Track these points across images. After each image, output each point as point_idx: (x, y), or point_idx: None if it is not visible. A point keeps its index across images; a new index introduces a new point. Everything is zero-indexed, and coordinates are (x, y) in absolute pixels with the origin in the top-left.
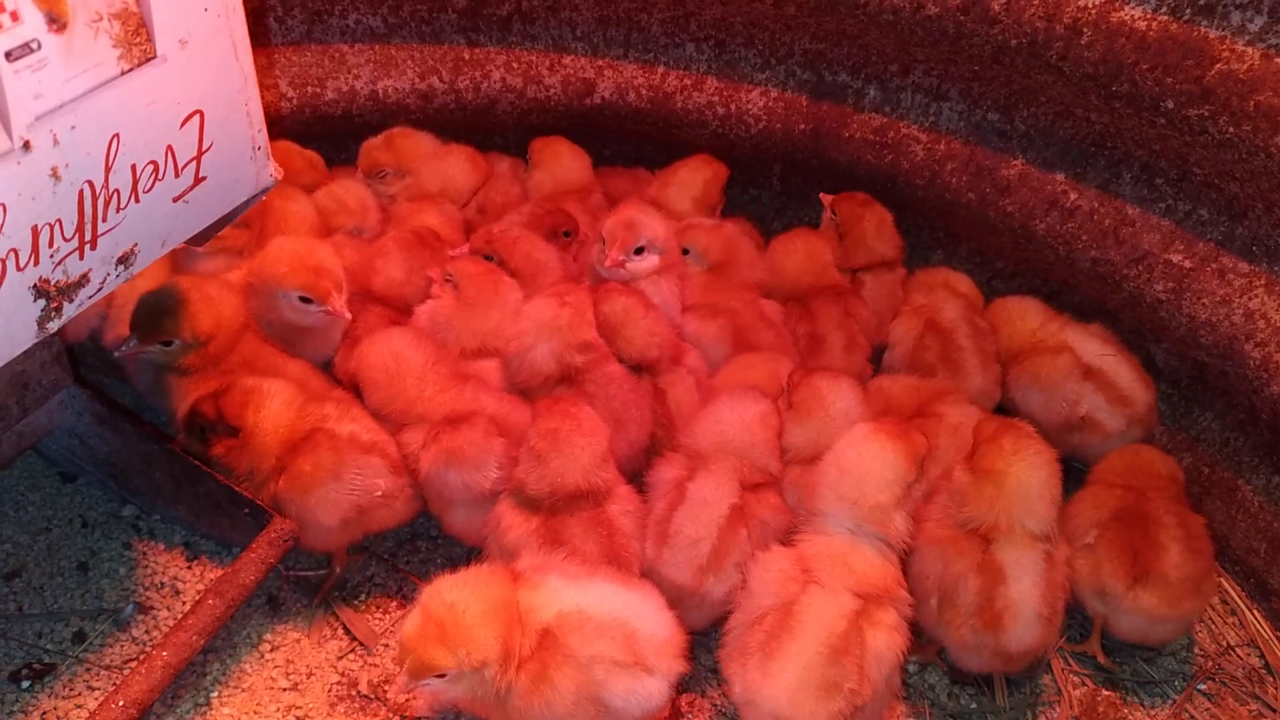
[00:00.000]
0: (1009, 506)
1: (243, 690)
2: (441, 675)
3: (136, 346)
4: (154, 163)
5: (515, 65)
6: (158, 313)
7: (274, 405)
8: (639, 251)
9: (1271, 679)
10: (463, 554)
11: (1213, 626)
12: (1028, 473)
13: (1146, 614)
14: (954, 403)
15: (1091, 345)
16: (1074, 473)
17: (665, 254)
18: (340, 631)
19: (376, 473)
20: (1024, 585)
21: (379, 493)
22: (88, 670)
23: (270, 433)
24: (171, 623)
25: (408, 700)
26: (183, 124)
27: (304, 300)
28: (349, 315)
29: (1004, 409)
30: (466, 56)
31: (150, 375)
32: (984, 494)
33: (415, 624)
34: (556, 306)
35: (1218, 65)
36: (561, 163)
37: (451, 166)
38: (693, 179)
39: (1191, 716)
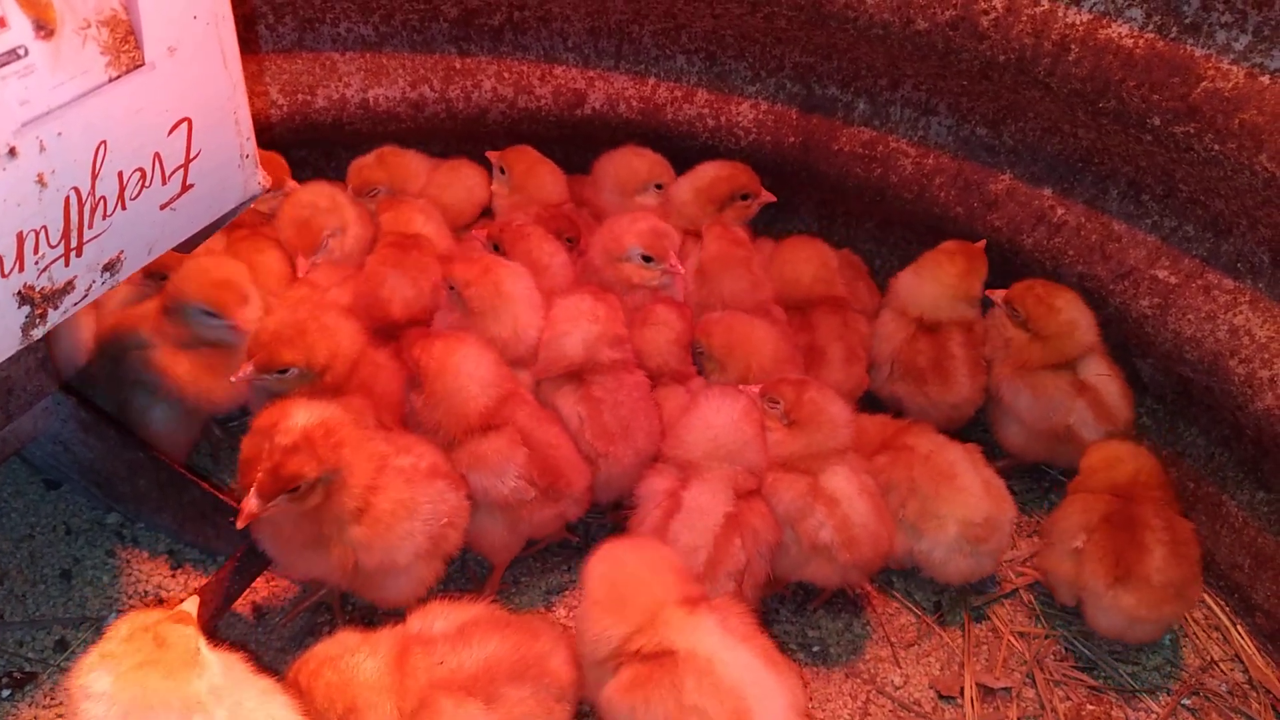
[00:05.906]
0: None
1: None
2: None
3: (253, 374)
4: (141, 170)
5: (506, 75)
6: (276, 341)
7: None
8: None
9: (1255, 694)
10: (455, 565)
11: (1197, 641)
12: None
13: (1126, 614)
14: (920, 433)
15: (1093, 363)
16: (1044, 477)
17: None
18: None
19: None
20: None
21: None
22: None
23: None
24: None
25: None
26: (170, 131)
27: (208, 314)
28: (251, 328)
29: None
30: (458, 66)
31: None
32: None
33: None
34: (592, 302)
35: (1203, 83)
36: (544, 186)
37: (468, 180)
38: (707, 170)
39: None
